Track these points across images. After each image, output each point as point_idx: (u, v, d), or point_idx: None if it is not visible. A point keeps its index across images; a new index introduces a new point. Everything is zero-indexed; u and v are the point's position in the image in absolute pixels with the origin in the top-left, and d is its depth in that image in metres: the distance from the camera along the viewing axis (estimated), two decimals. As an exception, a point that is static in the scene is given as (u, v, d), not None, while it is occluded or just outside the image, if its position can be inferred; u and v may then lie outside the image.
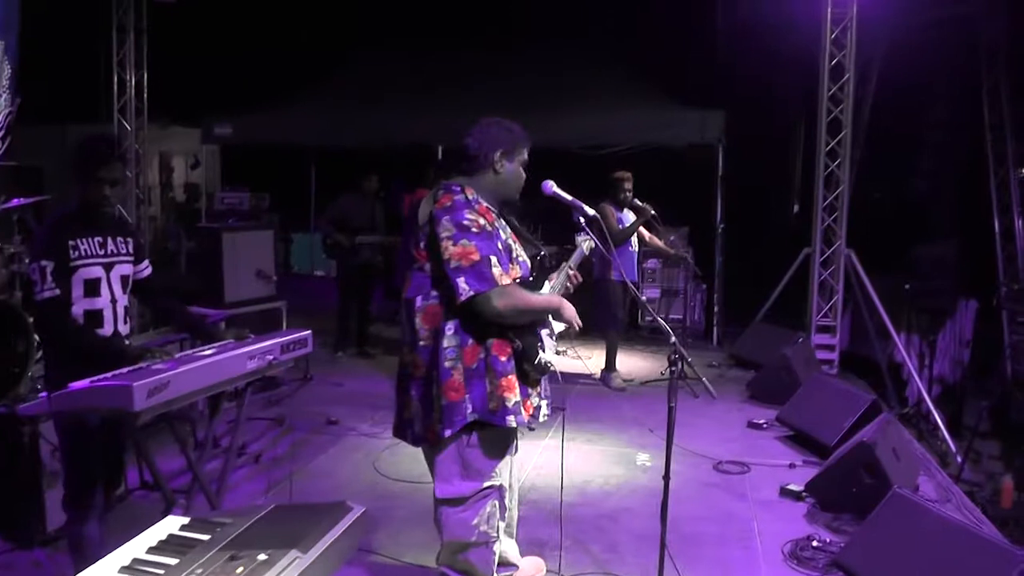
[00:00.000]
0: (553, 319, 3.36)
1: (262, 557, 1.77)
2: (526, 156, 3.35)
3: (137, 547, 1.93)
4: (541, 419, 3.33)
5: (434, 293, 3.14)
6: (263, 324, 6.79)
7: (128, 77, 9.96)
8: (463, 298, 2.98)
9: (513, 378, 3.15)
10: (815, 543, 4.51)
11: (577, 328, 3.36)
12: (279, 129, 10.62)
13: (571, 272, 3.62)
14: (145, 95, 10.17)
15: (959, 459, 7.91)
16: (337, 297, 8.74)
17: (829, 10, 8.77)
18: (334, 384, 7.70)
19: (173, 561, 1.84)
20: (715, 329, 10.20)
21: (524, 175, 3.36)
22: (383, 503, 4.98)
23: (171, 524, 2.05)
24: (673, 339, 3.34)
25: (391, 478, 5.40)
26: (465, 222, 3.06)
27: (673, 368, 3.36)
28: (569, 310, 3.31)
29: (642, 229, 7.82)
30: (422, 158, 9.86)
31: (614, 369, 7.95)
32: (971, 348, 11.10)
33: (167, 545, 1.95)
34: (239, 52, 13.50)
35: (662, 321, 3.56)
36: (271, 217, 8.49)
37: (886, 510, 4.26)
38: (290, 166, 13.00)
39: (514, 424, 3.13)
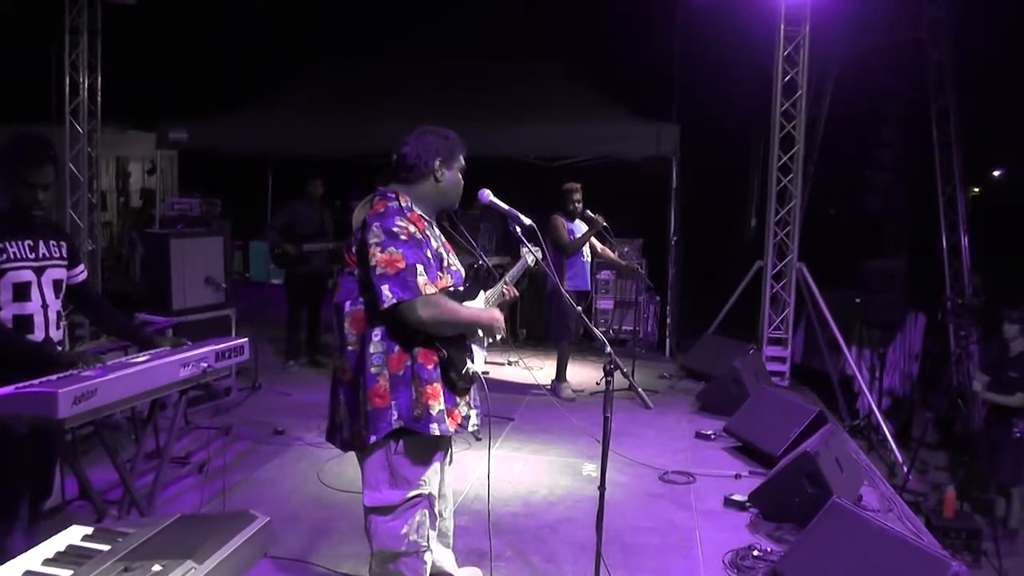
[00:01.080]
0: (482, 333, 3.32)
1: (156, 568, 1.71)
2: (463, 162, 3.33)
3: (32, 559, 1.86)
4: (470, 428, 3.29)
5: (361, 299, 3.11)
6: (212, 332, 6.67)
7: (81, 79, 9.80)
8: (385, 305, 2.96)
9: (439, 386, 3.11)
10: (756, 552, 4.51)
11: (499, 337, 3.33)
12: (236, 135, 10.49)
13: (507, 287, 3.58)
14: (99, 98, 10.01)
15: (905, 469, 7.98)
16: (286, 306, 8.64)
17: (782, 28, 8.87)
18: (282, 393, 7.60)
19: (67, 573, 1.77)
20: (668, 340, 10.22)
21: (462, 182, 3.34)
22: (326, 513, 4.92)
23: (73, 534, 1.98)
24: (608, 350, 3.32)
25: (335, 488, 5.33)
26: (395, 229, 3.03)
27: (608, 379, 3.34)
28: (496, 323, 3.26)
29: (594, 240, 7.81)
30: (377, 166, 9.80)
31: (564, 380, 7.93)
32: (920, 361, 11.25)
33: (64, 556, 1.88)
34: (197, 57, 13.39)
35: (598, 332, 3.54)
36: (222, 223, 8.35)
37: (825, 520, 4.27)
38: (248, 173, 12.89)
39: (437, 432, 3.09)
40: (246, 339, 4.04)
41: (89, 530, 2.01)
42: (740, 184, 14.21)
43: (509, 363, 8.95)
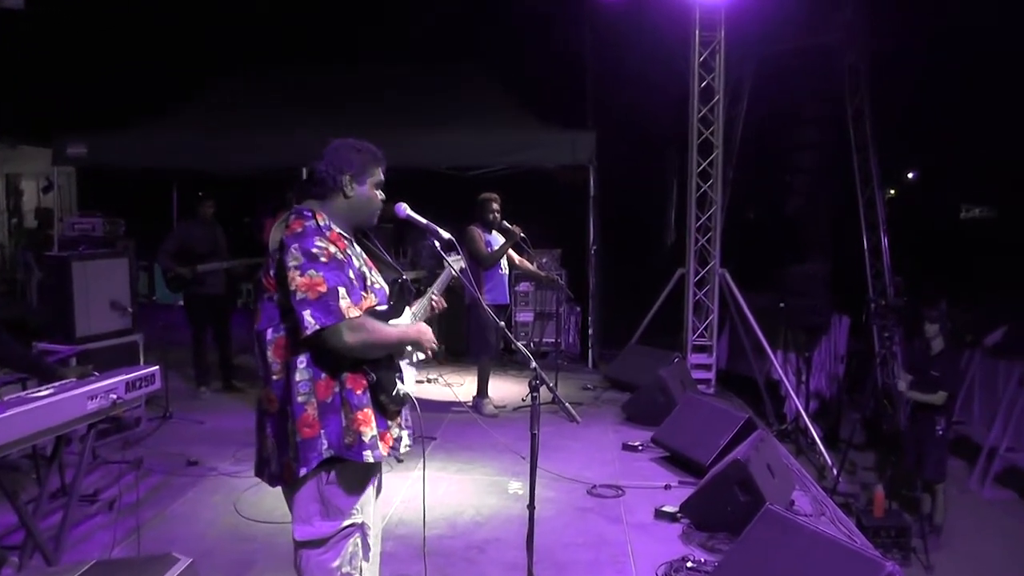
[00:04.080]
0: (412, 350, 3.32)
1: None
2: (381, 177, 3.28)
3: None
4: (403, 450, 3.28)
5: (284, 325, 3.06)
6: (118, 360, 6.53)
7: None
8: (308, 332, 2.92)
9: (369, 411, 3.09)
10: (689, 564, 4.59)
11: (431, 354, 3.32)
12: (140, 150, 10.23)
13: (434, 298, 3.59)
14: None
15: (835, 472, 8.19)
16: (189, 330, 8.50)
17: (697, 33, 9.05)
18: (195, 422, 7.45)
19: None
20: (590, 351, 10.30)
21: (380, 197, 3.30)
22: (246, 547, 4.85)
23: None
24: (533, 364, 3.35)
25: (253, 519, 5.25)
26: (314, 250, 2.99)
27: (534, 394, 3.37)
28: (426, 338, 3.26)
29: (512, 252, 7.85)
30: (287, 181, 9.70)
31: (486, 395, 7.94)
32: (845, 363, 11.55)
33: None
34: (96, 66, 13.09)
35: (522, 347, 3.58)
36: (127, 243, 8.18)
37: (758, 527, 4.35)
38: (152, 189, 12.63)
39: (371, 459, 3.06)
40: (157, 367, 3.96)
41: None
42: (659, 191, 14.46)
43: (429, 380, 8.94)
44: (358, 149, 3.24)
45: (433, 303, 3.57)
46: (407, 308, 3.39)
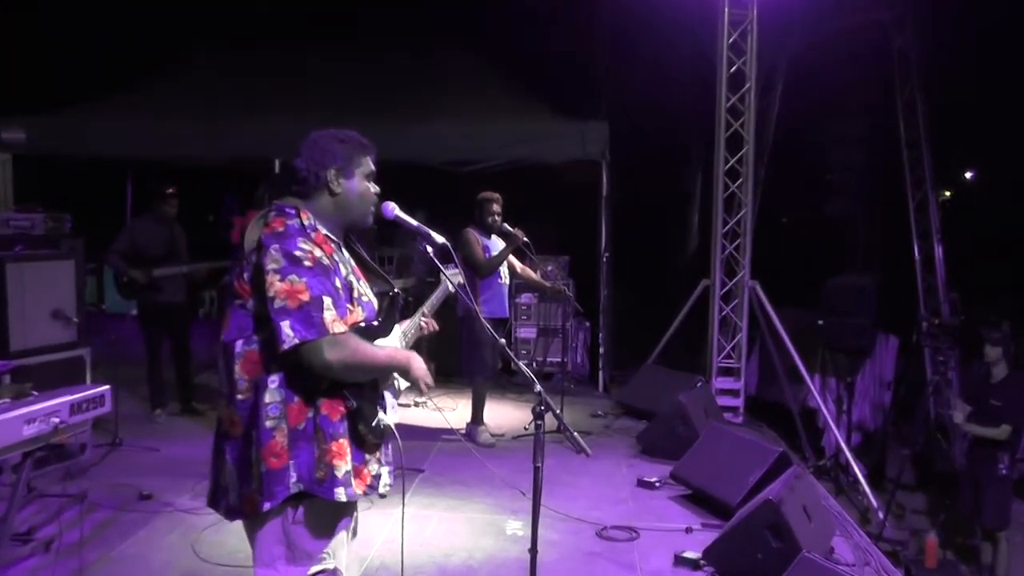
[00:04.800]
0: (399, 377, 3.31)
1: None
2: (371, 167, 3.27)
3: None
4: (382, 489, 3.26)
5: (256, 337, 3.05)
6: (61, 377, 6.52)
7: None
8: (286, 346, 2.89)
9: (345, 443, 3.07)
10: (713, 620, 4.58)
11: (425, 389, 3.30)
12: (88, 136, 10.25)
13: (424, 320, 3.58)
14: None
15: (881, 515, 8.17)
16: (143, 344, 8.48)
17: (726, 11, 9.06)
18: (149, 449, 7.44)
19: None
20: (600, 373, 10.32)
21: (373, 189, 3.28)
22: (203, 593, 4.85)
23: None
24: (538, 388, 3.34)
25: (213, 562, 5.23)
26: (297, 253, 2.97)
27: (539, 422, 3.36)
28: (418, 369, 3.24)
29: (513, 258, 7.87)
30: (257, 174, 9.70)
31: (482, 422, 7.95)
32: (893, 390, 11.52)
33: None
34: (36, 42, 13.08)
35: (524, 367, 3.57)
36: (73, 243, 8.14)
37: (793, 578, 4.35)
38: (103, 181, 12.63)
39: (344, 498, 3.04)
40: (107, 387, 3.96)
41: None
42: (680, 190, 14.45)
43: (416, 404, 8.93)
44: (341, 139, 3.23)
45: (423, 323, 3.57)
46: (396, 327, 3.39)
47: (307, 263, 2.97)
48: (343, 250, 3.25)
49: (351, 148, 3.23)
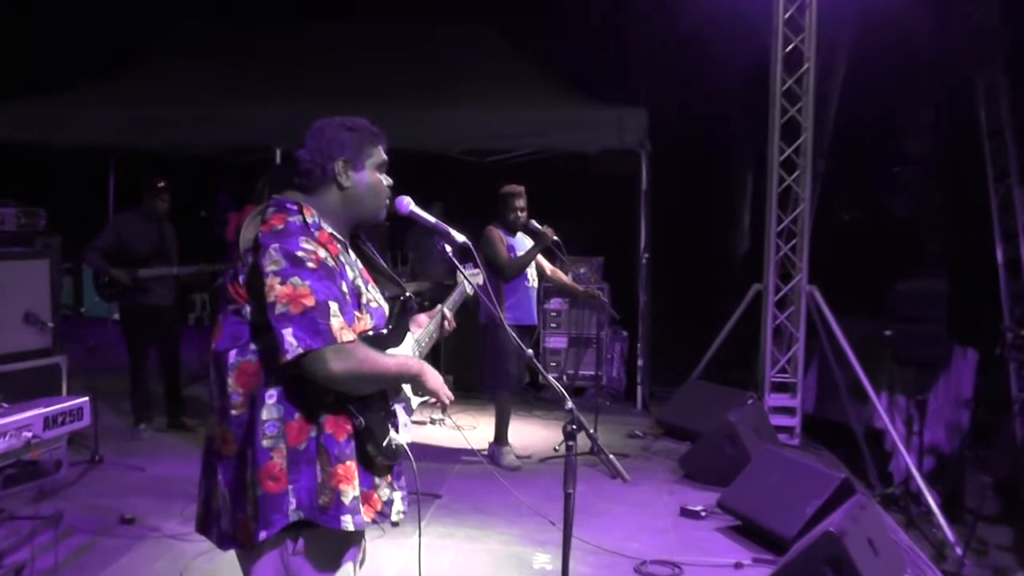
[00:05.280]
0: (411, 389, 3.29)
1: None
2: (383, 156, 3.26)
3: None
4: (394, 517, 3.23)
5: (253, 346, 3.03)
6: (35, 388, 6.55)
7: None
8: (289, 356, 2.86)
9: (352, 465, 3.04)
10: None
11: (446, 403, 3.28)
12: (66, 123, 10.33)
13: (447, 319, 3.57)
14: None
15: (959, 551, 8.09)
16: (126, 351, 8.51)
17: (782, -19, 9.02)
18: (132, 467, 7.46)
19: None
20: (639, 388, 10.31)
21: (386, 182, 3.27)
22: (192, 630, 4.85)
23: None
24: (569, 405, 3.31)
25: (204, 595, 5.26)
26: (299, 253, 2.95)
27: (570, 443, 3.33)
28: (433, 379, 3.21)
29: (541, 259, 7.86)
30: (256, 165, 9.72)
31: (506, 443, 7.94)
32: (971, 409, 11.42)
33: None
34: (8, 19, 13.18)
35: (553, 381, 3.53)
36: (49, 241, 8.20)
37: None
38: (83, 173, 12.71)
39: (351, 527, 3.01)
40: (86, 398, 3.96)
41: None
42: (729, 184, 14.41)
43: (432, 421, 8.93)
44: (348, 127, 3.21)
45: (444, 325, 3.56)
46: (409, 335, 3.36)
47: (311, 264, 2.94)
48: (349, 251, 3.23)
49: (361, 137, 3.21)
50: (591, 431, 3.57)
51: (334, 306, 2.92)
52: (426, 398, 3.29)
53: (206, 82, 10.74)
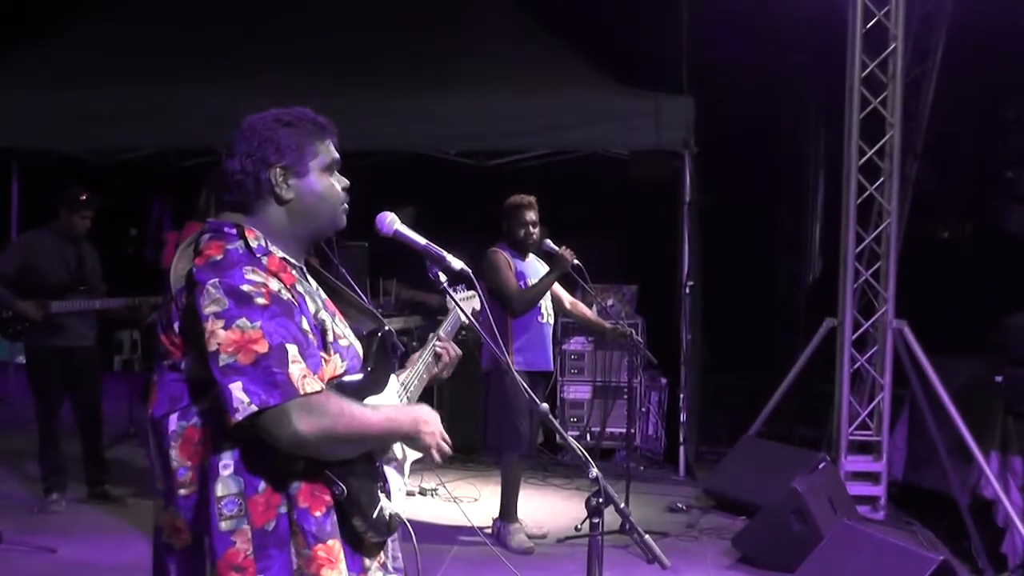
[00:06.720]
0: (404, 444, 3.30)
1: None
2: (333, 154, 3.19)
3: None
4: (390, 603, 3.26)
5: (196, 408, 3.02)
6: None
7: None
8: (239, 416, 2.81)
9: (336, 545, 3.03)
10: None
11: (440, 460, 3.29)
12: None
13: (440, 346, 3.60)
14: None
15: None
16: (34, 403, 8.51)
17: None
18: (42, 550, 7.45)
19: None
20: (681, 449, 10.29)
21: (340, 184, 3.24)
22: None
23: None
24: (594, 472, 3.32)
25: None
26: (245, 288, 2.89)
27: (595, 520, 3.35)
28: (428, 434, 3.22)
29: (559, 289, 7.89)
30: (199, 171, 9.76)
31: (516, 518, 7.93)
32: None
33: None
34: None
35: (574, 442, 3.54)
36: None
37: None
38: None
39: (337, 622, 3.04)
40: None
41: None
42: (794, 194, 14.44)
43: (423, 492, 8.94)
44: (285, 122, 3.14)
45: (439, 349, 3.58)
46: (393, 377, 3.37)
47: (260, 300, 2.88)
48: (308, 278, 3.21)
49: (300, 133, 3.12)
50: (621, 505, 3.59)
51: (293, 349, 2.88)
52: (419, 455, 3.30)
53: (133, 65, 10.73)
